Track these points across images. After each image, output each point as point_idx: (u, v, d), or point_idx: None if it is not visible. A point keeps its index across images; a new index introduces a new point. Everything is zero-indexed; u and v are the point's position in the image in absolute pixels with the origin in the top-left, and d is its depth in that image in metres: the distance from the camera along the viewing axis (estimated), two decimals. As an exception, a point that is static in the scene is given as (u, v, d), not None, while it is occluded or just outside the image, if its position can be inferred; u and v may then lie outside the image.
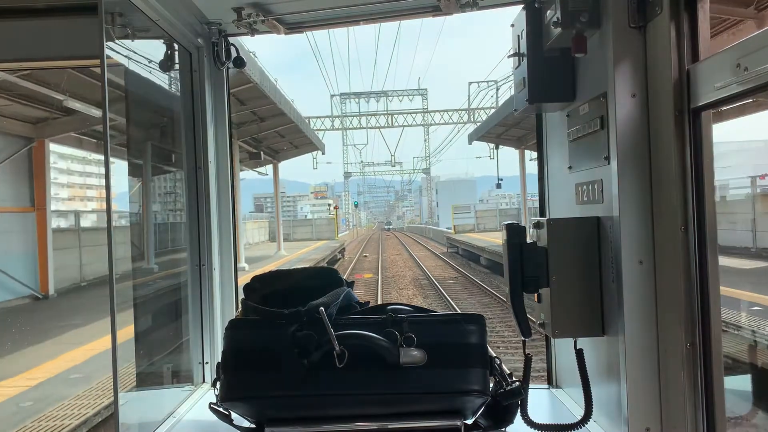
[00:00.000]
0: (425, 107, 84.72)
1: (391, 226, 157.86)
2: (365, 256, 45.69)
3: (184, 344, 3.25)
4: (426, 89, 66.67)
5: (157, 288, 3.37)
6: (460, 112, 58.39)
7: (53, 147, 20.38)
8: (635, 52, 2.14)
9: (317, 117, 60.29)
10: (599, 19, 2.22)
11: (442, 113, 60.28)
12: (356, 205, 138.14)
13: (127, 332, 2.63)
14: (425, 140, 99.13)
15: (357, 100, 64.30)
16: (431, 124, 63.27)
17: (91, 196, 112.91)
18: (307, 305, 2.13)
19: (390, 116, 61.93)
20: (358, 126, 63.10)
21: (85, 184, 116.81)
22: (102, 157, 2.27)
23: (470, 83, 58.34)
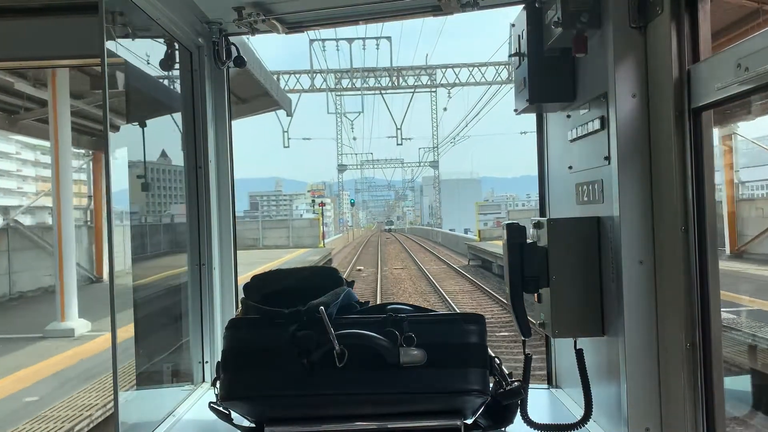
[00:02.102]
0: (433, 90, 64.58)
1: (392, 227, 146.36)
2: (359, 270, 33.54)
3: (184, 343, 3.25)
4: (435, 69, 52.88)
5: (157, 287, 3.37)
6: (496, 67, 40.39)
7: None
8: (636, 52, 2.14)
9: (290, 72, 40.17)
10: (600, 20, 2.22)
11: (471, 68, 41.34)
12: (353, 204, 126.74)
13: (126, 331, 2.62)
14: (435, 110, 74.77)
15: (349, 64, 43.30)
16: (454, 85, 42.10)
17: (27, 191, 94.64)
18: (307, 305, 2.13)
19: (396, 74, 42.24)
20: (351, 87, 43.10)
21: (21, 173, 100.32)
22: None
23: (512, 25, 35.70)
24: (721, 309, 2.00)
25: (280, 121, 41.13)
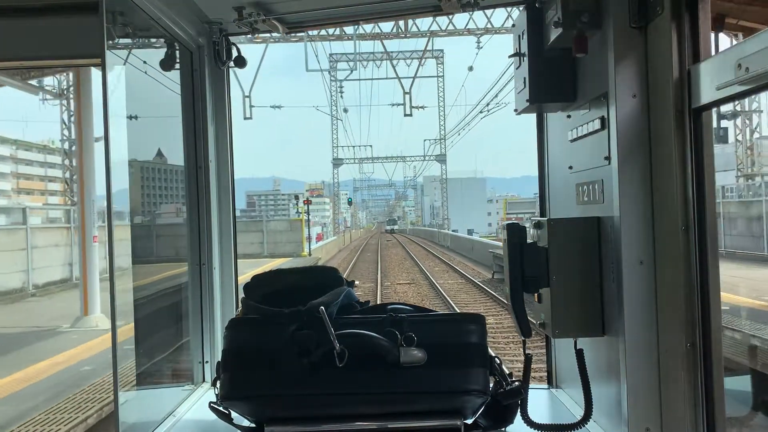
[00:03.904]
0: (440, 73, 62.20)
1: (395, 227, 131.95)
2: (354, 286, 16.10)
3: (184, 343, 3.25)
4: (442, 50, 42.68)
5: (157, 287, 3.37)
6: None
7: None
8: (636, 52, 2.14)
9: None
10: (600, 20, 2.23)
11: (508, 8, 18.14)
12: (350, 202, 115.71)
13: (126, 331, 2.62)
14: (442, 93, 67.97)
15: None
16: (483, 32, 28.88)
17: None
18: (307, 304, 2.14)
19: (403, 20, 25.57)
20: (341, 35, 30.58)
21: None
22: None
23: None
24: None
25: (240, 82, 31.41)
